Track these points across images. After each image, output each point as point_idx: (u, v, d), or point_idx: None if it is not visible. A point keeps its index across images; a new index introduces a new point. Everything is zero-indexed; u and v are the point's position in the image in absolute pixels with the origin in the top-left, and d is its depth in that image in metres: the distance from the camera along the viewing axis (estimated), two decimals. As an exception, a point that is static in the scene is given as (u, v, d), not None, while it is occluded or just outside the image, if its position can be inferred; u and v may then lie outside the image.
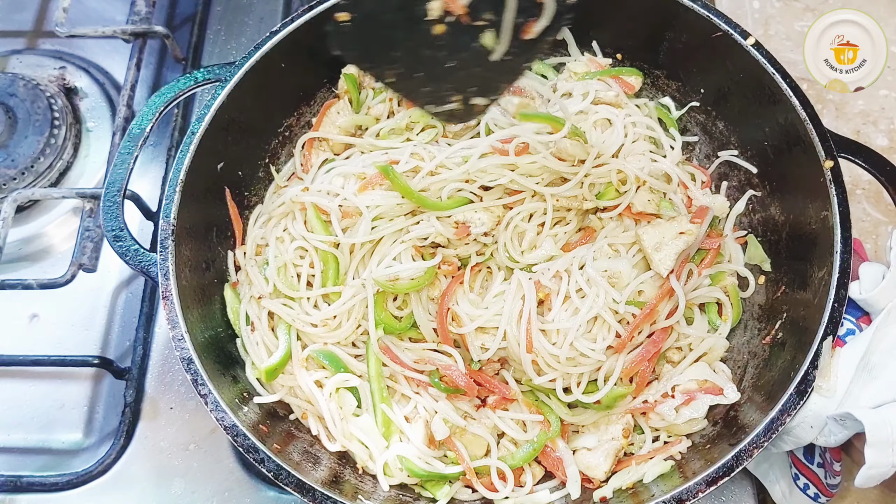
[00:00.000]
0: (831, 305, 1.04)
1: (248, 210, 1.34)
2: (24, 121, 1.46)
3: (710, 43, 1.24)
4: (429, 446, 1.13)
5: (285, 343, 1.19)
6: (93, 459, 1.27)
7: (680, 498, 0.97)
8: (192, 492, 1.24)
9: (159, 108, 1.22)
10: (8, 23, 1.69)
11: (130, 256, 1.13)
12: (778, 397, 1.01)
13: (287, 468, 1.00)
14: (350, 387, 1.17)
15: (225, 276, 1.28)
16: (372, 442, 1.13)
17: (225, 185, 1.28)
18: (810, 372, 1.01)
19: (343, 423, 1.15)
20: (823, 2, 1.61)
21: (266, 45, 1.23)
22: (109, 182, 1.17)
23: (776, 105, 1.18)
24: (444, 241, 1.19)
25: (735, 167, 1.32)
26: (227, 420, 1.02)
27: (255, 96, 1.25)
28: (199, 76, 1.24)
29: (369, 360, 1.17)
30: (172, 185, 1.14)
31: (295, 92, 1.38)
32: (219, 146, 1.22)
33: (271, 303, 1.21)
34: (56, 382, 1.35)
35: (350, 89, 1.37)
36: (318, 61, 1.37)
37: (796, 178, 1.20)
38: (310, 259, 1.22)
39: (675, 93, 1.39)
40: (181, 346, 1.05)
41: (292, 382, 1.18)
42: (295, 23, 1.24)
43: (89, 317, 1.40)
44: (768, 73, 1.17)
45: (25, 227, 1.46)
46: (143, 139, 1.20)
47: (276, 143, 1.38)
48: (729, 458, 0.98)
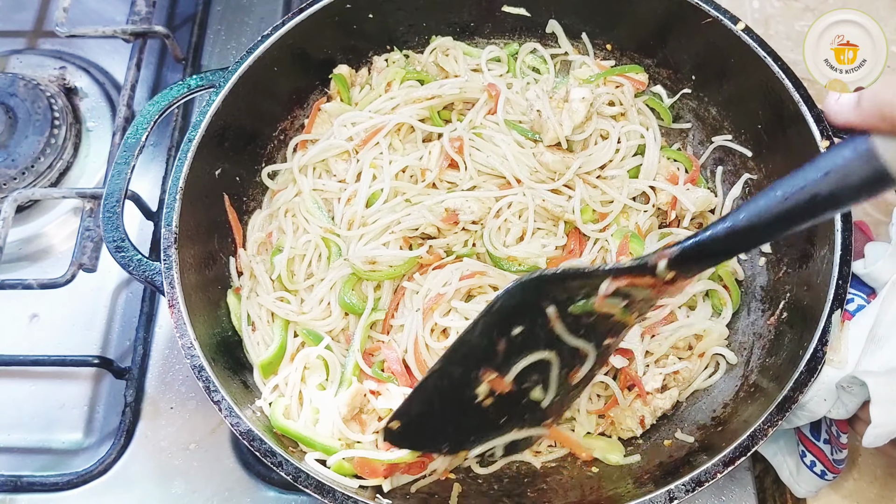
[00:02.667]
0: (835, 282, 1.04)
1: (247, 215, 1.33)
2: (24, 121, 1.46)
3: (701, 29, 1.25)
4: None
5: (280, 337, 1.19)
6: (93, 459, 1.27)
7: (699, 479, 0.97)
8: (192, 491, 1.24)
9: (154, 117, 1.22)
10: (8, 23, 1.69)
11: (133, 266, 1.12)
12: (788, 376, 1.02)
13: (305, 470, 0.99)
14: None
15: (228, 281, 1.27)
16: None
17: (223, 191, 1.28)
18: (819, 349, 1.02)
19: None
20: (823, 2, 1.61)
21: (258, 50, 1.23)
22: (108, 193, 1.16)
23: (768, 88, 1.19)
24: (434, 232, 1.21)
25: (730, 152, 1.34)
26: (242, 426, 1.01)
27: (249, 101, 1.25)
28: (193, 83, 1.24)
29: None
30: (172, 194, 1.14)
31: (288, 95, 1.38)
32: (215, 152, 1.22)
33: (267, 299, 1.21)
34: (56, 382, 1.35)
35: (341, 89, 1.38)
36: (309, 64, 1.37)
37: (792, 159, 1.20)
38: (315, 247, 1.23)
39: (667, 80, 1.40)
40: (191, 353, 1.05)
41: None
42: (286, 26, 1.25)
43: (89, 317, 1.40)
44: (759, 56, 1.18)
45: (25, 227, 1.45)
46: (139, 148, 1.19)
47: (271, 147, 1.38)
48: (745, 438, 0.99)
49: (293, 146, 1.38)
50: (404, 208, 1.23)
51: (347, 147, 1.29)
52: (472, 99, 1.34)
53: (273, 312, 1.22)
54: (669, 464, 1.10)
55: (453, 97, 1.33)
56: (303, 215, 1.27)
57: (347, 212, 1.25)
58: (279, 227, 1.29)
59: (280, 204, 1.31)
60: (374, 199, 1.24)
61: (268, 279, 1.24)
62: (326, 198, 1.29)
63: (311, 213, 1.26)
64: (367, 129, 1.30)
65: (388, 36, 1.42)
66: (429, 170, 1.26)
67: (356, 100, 1.38)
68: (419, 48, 1.45)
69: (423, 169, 1.27)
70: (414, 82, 1.37)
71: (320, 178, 1.31)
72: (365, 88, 1.39)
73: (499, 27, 1.44)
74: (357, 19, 1.35)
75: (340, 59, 1.41)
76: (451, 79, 1.37)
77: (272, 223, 1.31)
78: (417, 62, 1.42)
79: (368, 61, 1.44)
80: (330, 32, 1.34)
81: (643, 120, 1.37)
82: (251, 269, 1.26)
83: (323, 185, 1.29)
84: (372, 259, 1.18)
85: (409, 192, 1.25)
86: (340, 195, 1.27)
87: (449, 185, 1.27)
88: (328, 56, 1.39)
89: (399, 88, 1.35)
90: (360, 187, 1.25)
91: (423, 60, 1.41)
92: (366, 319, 1.18)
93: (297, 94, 1.40)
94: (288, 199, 1.30)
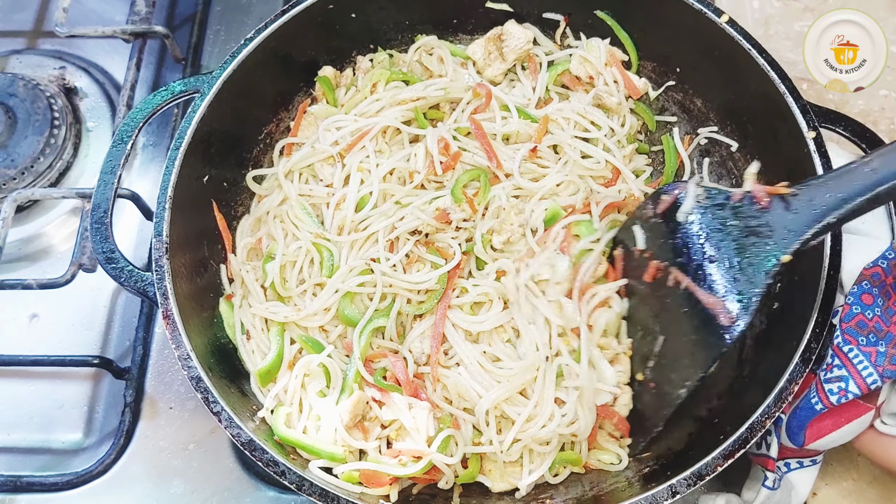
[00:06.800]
0: (826, 273, 1.05)
1: (235, 220, 1.32)
2: (24, 121, 1.46)
3: (685, 22, 1.25)
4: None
5: (277, 344, 1.18)
6: (93, 459, 1.27)
7: (700, 473, 0.98)
8: (191, 491, 1.25)
9: (138, 125, 1.21)
10: (8, 23, 1.68)
11: (125, 278, 1.11)
12: (783, 367, 1.02)
13: (309, 479, 0.99)
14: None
15: (220, 289, 1.26)
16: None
17: (211, 197, 1.26)
18: (812, 340, 1.02)
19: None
20: (823, 2, 1.61)
21: (241, 53, 1.22)
22: (95, 204, 1.15)
23: (753, 80, 1.19)
24: (431, 230, 1.20)
25: (716, 143, 1.34)
26: (243, 436, 1.01)
27: (234, 105, 1.24)
28: (177, 88, 1.23)
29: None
30: (161, 203, 1.13)
31: (273, 98, 1.37)
32: (202, 159, 1.21)
33: (261, 307, 1.20)
34: (56, 382, 1.35)
35: (326, 91, 1.37)
36: (293, 66, 1.36)
37: (779, 150, 1.21)
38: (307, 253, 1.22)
39: (651, 73, 1.41)
40: (188, 364, 1.04)
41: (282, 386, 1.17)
42: (268, 28, 1.24)
43: (89, 317, 1.40)
44: (744, 48, 1.19)
45: (25, 227, 1.46)
46: (125, 157, 1.19)
47: (257, 151, 1.37)
48: (743, 431, 0.99)
49: (279, 150, 1.37)
50: (396, 211, 1.22)
51: (332, 152, 1.28)
52: (457, 99, 1.33)
53: (267, 319, 1.21)
54: (669, 458, 1.11)
55: (437, 98, 1.33)
56: (292, 221, 1.26)
57: (337, 216, 1.24)
58: (269, 233, 1.28)
59: (266, 209, 1.30)
60: (364, 203, 1.23)
61: (258, 288, 1.23)
62: (314, 203, 1.28)
63: (299, 219, 1.25)
64: (352, 133, 1.29)
65: (371, 36, 1.42)
66: (417, 171, 1.25)
67: (342, 101, 1.37)
68: (403, 47, 1.44)
69: (411, 171, 1.26)
70: (399, 83, 1.36)
71: (307, 183, 1.30)
72: (351, 90, 1.38)
73: (482, 23, 1.43)
74: (340, 20, 1.35)
75: (324, 60, 1.40)
76: (435, 79, 1.36)
77: (261, 229, 1.30)
78: (402, 62, 1.42)
79: (353, 62, 1.43)
80: (313, 34, 1.33)
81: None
82: (242, 277, 1.25)
83: (310, 191, 1.28)
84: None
85: (397, 193, 1.25)
86: (329, 200, 1.26)
87: (437, 185, 1.27)
88: (312, 58, 1.39)
89: (384, 90, 1.34)
90: (349, 191, 1.24)
91: (408, 60, 1.41)
92: (363, 325, 1.15)
93: (282, 97, 1.39)
94: (274, 205, 1.29)
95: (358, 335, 1.15)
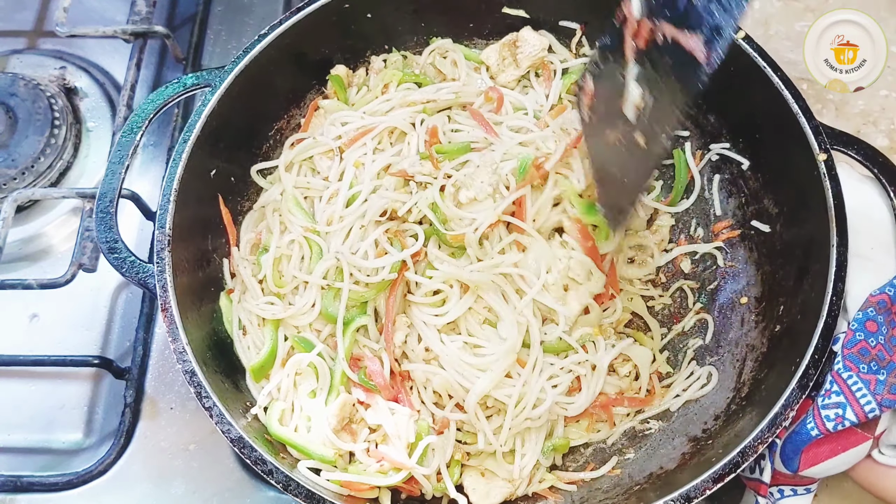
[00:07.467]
0: (829, 299, 1.04)
1: (241, 216, 1.32)
2: (24, 121, 1.46)
3: None
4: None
5: (270, 340, 1.18)
6: (93, 459, 1.27)
7: (688, 496, 0.97)
8: (192, 492, 1.24)
9: (149, 116, 1.21)
10: (8, 23, 1.68)
11: (126, 268, 1.12)
12: (780, 391, 1.01)
13: (295, 479, 0.99)
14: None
15: (222, 283, 1.27)
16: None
17: (218, 191, 1.27)
18: (811, 366, 1.01)
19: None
20: (823, 2, 1.61)
21: (255, 49, 1.22)
22: (101, 193, 1.15)
23: (767, 99, 1.18)
24: (398, 206, 1.19)
25: (727, 160, 1.33)
26: (233, 433, 1.01)
27: (245, 100, 1.24)
28: (189, 81, 1.23)
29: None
30: (166, 195, 1.13)
31: (284, 95, 1.37)
32: (210, 152, 1.21)
33: (254, 304, 1.20)
34: (56, 382, 1.35)
35: (337, 90, 1.37)
36: (306, 63, 1.36)
37: (789, 170, 1.20)
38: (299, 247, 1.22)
39: None
40: (183, 358, 1.04)
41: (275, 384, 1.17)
42: (283, 25, 1.24)
43: (89, 317, 1.40)
44: (759, 66, 1.18)
45: (25, 227, 1.45)
46: (133, 147, 1.19)
47: (267, 147, 1.37)
48: (734, 454, 0.98)
49: (289, 145, 1.36)
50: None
51: (333, 146, 1.28)
52: (469, 103, 1.33)
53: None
54: (660, 476, 1.10)
55: (449, 102, 1.32)
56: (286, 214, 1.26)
57: (327, 210, 1.23)
58: (267, 226, 1.28)
59: (265, 202, 1.30)
60: (355, 199, 1.22)
61: (254, 282, 1.23)
62: (310, 196, 1.28)
63: (291, 213, 1.25)
64: (357, 129, 1.29)
65: (386, 36, 1.42)
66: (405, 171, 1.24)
67: (353, 100, 1.37)
68: (417, 49, 1.44)
69: (401, 170, 1.25)
70: (411, 84, 1.36)
71: (305, 176, 1.30)
72: (362, 90, 1.38)
73: (498, 28, 1.43)
74: (355, 19, 1.34)
75: (338, 59, 1.40)
76: (448, 82, 1.36)
77: (262, 222, 1.30)
78: (416, 63, 1.41)
79: (366, 62, 1.43)
80: (327, 32, 1.33)
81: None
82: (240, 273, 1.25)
83: (307, 183, 1.28)
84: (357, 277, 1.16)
85: (389, 189, 1.23)
86: (323, 193, 1.26)
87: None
88: (325, 56, 1.39)
89: (396, 91, 1.34)
90: (342, 186, 1.24)
91: (422, 62, 1.41)
92: (341, 321, 1.14)
93: (294, 94, 1.39)
94: (274, 198, 1.29)
95: (342, 333, 1.14)
